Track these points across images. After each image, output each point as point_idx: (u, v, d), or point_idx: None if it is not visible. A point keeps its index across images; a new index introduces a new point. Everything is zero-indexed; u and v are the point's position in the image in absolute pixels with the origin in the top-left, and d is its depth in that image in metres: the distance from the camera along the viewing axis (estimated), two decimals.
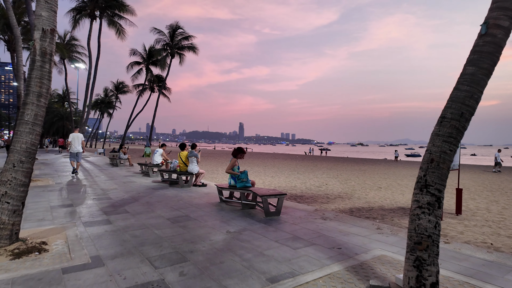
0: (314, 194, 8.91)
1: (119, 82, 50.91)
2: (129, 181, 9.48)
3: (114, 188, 7.97)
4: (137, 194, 7.12)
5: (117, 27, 23.36)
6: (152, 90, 37.61)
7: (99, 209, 5.58)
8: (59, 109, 44.02)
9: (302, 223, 4.70)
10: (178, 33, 28.65)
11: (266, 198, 5.01)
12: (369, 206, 7.10)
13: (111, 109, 55.55)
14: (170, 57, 29.27)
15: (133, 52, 32.13)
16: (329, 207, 6.80)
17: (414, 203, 2.59)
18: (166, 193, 7.38)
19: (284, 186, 10.52)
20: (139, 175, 11.03)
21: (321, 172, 17.01)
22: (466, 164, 32.25)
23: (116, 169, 13.21)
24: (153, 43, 29.30)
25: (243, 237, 3.99)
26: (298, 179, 12.72)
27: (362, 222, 4.80)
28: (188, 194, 7.20)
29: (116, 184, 8.81)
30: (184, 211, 5.42)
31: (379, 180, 13.28)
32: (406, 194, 9.20)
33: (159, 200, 6.47)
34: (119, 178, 10.24)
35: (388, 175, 15.77)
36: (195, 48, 28.99)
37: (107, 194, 7.09)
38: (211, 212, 5.37)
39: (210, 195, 7.10)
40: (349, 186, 10.96)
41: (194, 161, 8.34)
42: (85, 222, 4.68)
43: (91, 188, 7.94)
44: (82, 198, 6.61)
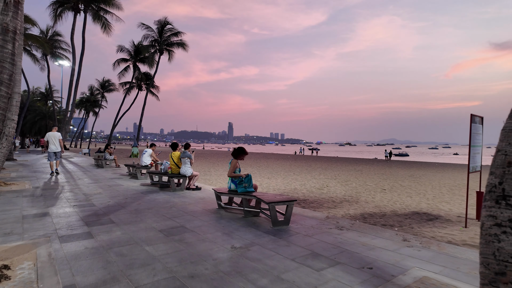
0: (318, 197, 8.35)
1: (105, 80, 49.36)
2: (115, 184, 8.69)
3: (98, 193, 7.19)
4: (124, 200, 6.38)
5: (102, 21, 22.28)
6: (140, 88, 36.45)
7: (79, 218, 4.84)
8: (41, 107, 42.26)
9: (317, 234, 4.09)
10: (167, 29, 27.69)
11: (274, 205, 4.38)
12: (380, 211, 6.57)
13: (97, 108, 53.83)
14: (159, 53, 28.28)
15: (120, 48, 30.95)
16: (338, 213, 6.23)
17: (488, 219, 2.00)
18: (157, 198, 6.66)
19: (284, 188, 9.92)
20: (126, 178, 10.23)
21: (317, 172, 16.51)
22: (464, 164, 32.46)
23: (101, 171, 12.34)
24: (141, 39, 28.25)
25: (252, 254, 3.35)
26: (296, 181, 12.15)
27: (383, 232, 4.23)
28: (182, 200, 6.50)
29: (100, 188, 8.01)
30: (179, 221, 4.73)
31: (379, 181, 12.86)
32: (414, 197, 8.74)
33: (149, 206, 5.76)
34: (104, 181, 9.42)
35: (387, 176, 15.41)
36: (184, 45, 28.09)
37: (90, 200, 6.32)
38: (210, 222, 4.70)
39: (206, 201, 6.42)
40: (351, 188, 10.46)
41: (187, 163, 7.63)
42: (61, 236, 3.94)
43: (72, 193, 7.14)
44: (61, 205, 5.83)
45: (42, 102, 44.99)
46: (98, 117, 56.13)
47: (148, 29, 27.56)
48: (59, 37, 32.06)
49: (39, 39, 18.06)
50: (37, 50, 32.46)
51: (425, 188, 11.06)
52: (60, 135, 10.89)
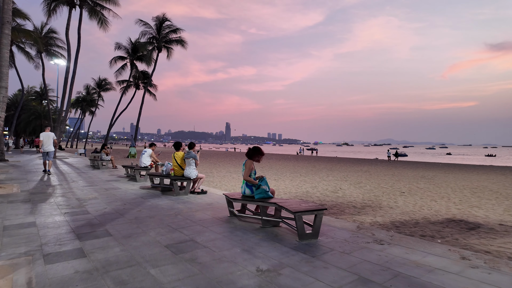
0: (336, 202, 7.69)
1: (101, 79, 48.46)
2: (112, 187, 7.97)
3: (93, 198, 6.48)
4: (122, 206, 5.68)
5: (99, 17, 21.48)
6: (137, 87, 35.66)
7: (70, 229, 4.13)
8: (36, 107, 41.31)
9: (355, 251, 3.42)
10: (165, 26, 26.93)
11: (301, 215, 3.71)
12: (411, 218, 5.92)
13: (94, 107, 52.89)
14: (157, 51, 27.50)
15: (117, 46, 30.16)
16: (365, 220, 5.57)
17: None
18: (159, 203, 5.96)
19: (295, 192, 9.25)
20: (124, 180, 9.51)
21: (324, 173, 15.88)
22: (468, 164, 31.98)
23: (97, 172, 11.60)
24: (139, 36, 27.45)
25: (285, 280, 2.67)
26: (305, 183, 11.49)
27: (432, 247, 3.56)
28: (187, 205, 5.80)
29: (96, 191, 7.30)
30: (187, 232, 4.04)
31: (393, 182, 12.25)
32: (439, 201, 8.11)
33: (151, 214, 5.06)
34: (100, 183, 8.70)
35: (397, 177, 14.81)
36: (183, 42, 27.33)
37: (84, 206, 5.61)
38: (224, 234, 4.02)
39: (215, 207, 5.73)
40: (367, 191, 9.81)
41: (192, 164, 6.94)
42: (47, 254, 3.25)
43: (65, 198, 6.42)
44: (50, 212, 5.12)
45: (37, 102, 44.03)
46: (95, 117, 55.23)
47: (146, 25, 26.79)
48: (54, 34, 31.18)
49: (32, 34, 17.25)
50: (31, 48, 31.58)
51: (445, 190, 10.44)
52: (54, 135, 10.91)
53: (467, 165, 29.89)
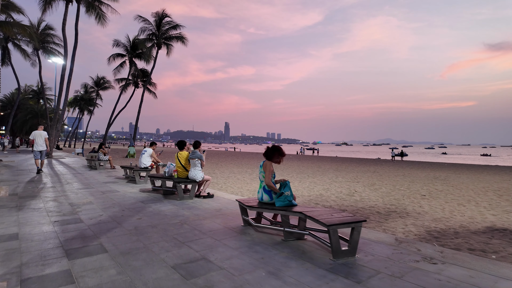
0: (356, 207, 7.06)
1: (100, 77, 47.70)
2: (109, 190, 7.32)
3: (88, 202, 5.83)
4: (121, 213, 5.03)
5: (96, 12, 20.78)
6: (136, 85, 34.95)
7: (59, 243, 3.49)
8: (33, 106, 40.55)
9: (407, 273, 2.78)
10: (165, 22, 26.23)
11: (336, 228, 3.07)
12: (447, 227, 5.29)
13: (92, 106, 52.11)
14: (157, 48, 26.80)
15: (116, 43, 29.43)
16: (396, 229, 4.94)
17: None
18: (162, 209, 5.32)
19: (308, 195, 8.63)
20: (123, 181, 8.86)
21: (332, 174, 15.26)
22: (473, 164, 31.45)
23: (94, 173, 10.94)
24: (138, 32, 26.73)
25: None
26: (316, 184, 10.86)
27: (496, 267, 2.93)
28: (193, 212, 5.16)
29: (92, 195, 6.65)
30: (197, 248, 3.40)
31: (408, 184, 11.66)
32: (468, 206, 7.51)
33: (154, 223, 4.42)
34: (97, 185, 8.05)
35: (410, 178, 14.23)
36: (183, 38, 26.63)
37: (77, 213, 4.96)
38: (241, 249, 3.38)
39: (225, 213, 5.09)
40: (384, 193, 9.19)
41: (197, 165, 6.29)
42: (26, 278, 2.61)
43: (56, 203, 5.77)
44: (38, 220, 4.47)
45: (34, 100, 43.29)
46: (93, 116, 54.44)
47: (145, 22, 26.07)
48: (51, 31, 30.46)
49: (27, 28, 16.55)
50: (28, 45, 30.85)
51: (467, 193, 9.82)
52: (47, 133, 10.77)
53: (473, 165, 29.33)
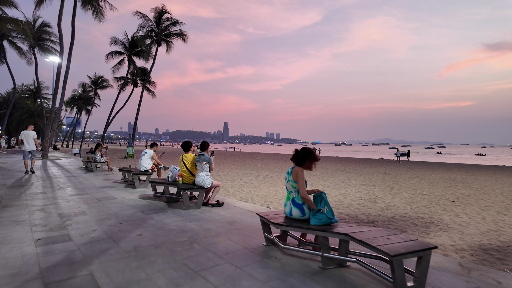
0: (385, 216, 6.33)
1: (97, 76, 46.84)
2: (106, 196, 6.56)
3: (80, 212, 5.07)
4: (118, 226, 4.27)
5: (94, 6, 19.98)
6: (135, 84, 34.13)
7: (38, 273, 2.74)
8: (30, 105, 39.68)
9: None
10: (165, 19, 25.42)
11: (401, 259, 2.33)
12: (504, 244, 4.56)
13: (90, 106, 51.23)
14: (156, 45, 25.98)
15: (114, 41, 28.61)
16: (444, 246, 4.19)
17: None
18: (166, 222, 4.56)
19: None
20: (121, 186, 8.10)
21: (343, 176, 14.53)
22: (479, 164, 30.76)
23: (90, 176, 10.17)
24: (137, 28, 25.89)
25: None
26: (331, 189, 10.10)
27: None
28: (203, 225, 4.40)
29: (85, 202, 5.88)
30: (215, 280, 2.65)
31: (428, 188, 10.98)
32: (510, 214, 6.76)
33: (157, 241, 3.66)
34: (91, 191, 7.28)
35: (426, 180, 13.54)
36: (184, 35, 25.81)
37: (66, 227, 4.20)
38: (271, 283, 2.62)
39: (240, 227, 4.33)
40: (409, 199, 8.47)
41: (205, 169, 5.54)
42: None
43: (44, 213, 5.00)
44: (18, 238, 3.71)
45: (31, 100, 42.41)
46: (92, 116, 53.58)
47: (144, 18, 25.27)
48: (48, 28, 29.60)
49: (20, 23, 15.78)
50: (23, 43, 30.02)
51: (498, 198, 9.06)
52: (35, 134, 10.63)
53: (482, 165, 28.64)
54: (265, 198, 8.16)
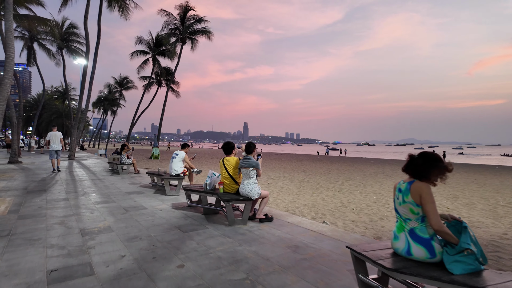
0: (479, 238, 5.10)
1: (123, 77, 47.38)
2: (134, 205, 5.72)
3: (105, 228, 4.21)
4: (151, 251, 3.35)
5: (119, 4, 19.67)
6: (160, 84, 33.95)
7: None
8: (58, 106, 40.61)
9: None
10: (189, 16, 24.84)
11: None
12: None
13: (115, 106, 52.02)
14: (181, 43, 25.45)
15: (139, 40, 28.44)
16: None
17: None
18: (210, 244, 3.60)
19: (394, 215, 6.69)
20: (149, 191, 7.29)
21: (389, 181, 13.17)
22: None
23: (116, 179, 9.49)
24: (162, 26, 25.47)
25: None
26: (386, 198, 8.84)
27: None
28: (259, 252, 3.40)
29: (111, 213, 5.05)
30: None
31: (500, 196, 9.47)
32: None
33: (205, 279, 2.68)
34: (118, 197, 6.50)
35: (487, 186, 11.99)
36: (209, 32, 25.12)
37: (88, 252, 3.33)
38: None
39: (307, 255, 3.30)
40: (490, 212, 7.17)
41: (252, 176, 4.55)
42: None
43: (63, 228, 4.19)
44: (27, 268, 2.86)
45: (59, 101, 43.44)
46: (116, 117, 54.40)
47: (169, 16, 24.82)
48: (75, 30, 29.94)
49: (48, 23, 15.57)
50: (52, 44, 30.52)
51: None
52: (61, 134, 11.29)
53: None
54: (314, 209, 7.05)
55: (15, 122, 15.70)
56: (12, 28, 10.72)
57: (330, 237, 3.93)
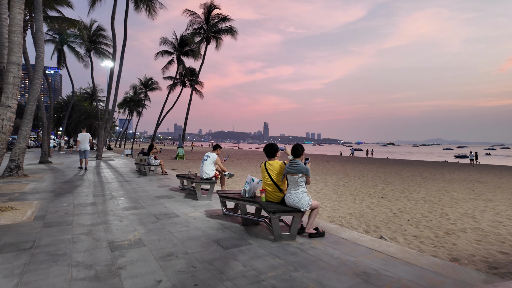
0: None
1: (147, 78, 48.16)
2: (165, 212, 5.25)
3: (135, 241, 3.73)
4: (191, 276, 2.80)
5: (146, 4, 19.65)
6: (184, 84, 34.01)
7: None
8: (87, 107, 41.79)
9: None
10: (214, 15, 24.57)
11: None
12: None
13: (140, 107, 53.00)
14: (206, 42, 25.20)
15: (163, 41, 28.55)
16: None
17: None
18: (258, 268, 2.99)
19: (454, 230, 5.83)
20: (179, 195, 6.83)
21: (436, 187, 12.10)
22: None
23: (143, 181, 9.16)
24: (187, 25, 25.31)
25: None
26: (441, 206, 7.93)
27: None
28: (321, 281, 2.75)
29: (141, 222, 4.59)
30: None
31: None
32: None
33: None
34: (147, 202, 6.07)
35: None
36: (234, 31, 24.71)
37: (117, 273, 2.82)
38: None
39: (380, 283, 2.62)
40: None
41: (301, 184, 3.92)
42: None
43: (90, 240, 3.74)
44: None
45: (88, 102, 44.72)
46: (141, 117, 55.42)
47: (193, 15, 24.65)
48: (102, 32, 30.55)
49: (76, 23, 15.69)
50: (80, 47, 31.30)
51: None
52: (90, 135, 11.92)
53: None
54: (364, 220, 6.27)
55: (45, 122, 15.91)
56: (42, 28, 10.69)
57: (402, 260, 3.23)
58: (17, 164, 9.63)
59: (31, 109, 10.16)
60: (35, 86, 10.24)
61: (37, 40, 10.52)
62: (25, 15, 14.75)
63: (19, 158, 9.72)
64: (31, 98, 10.14)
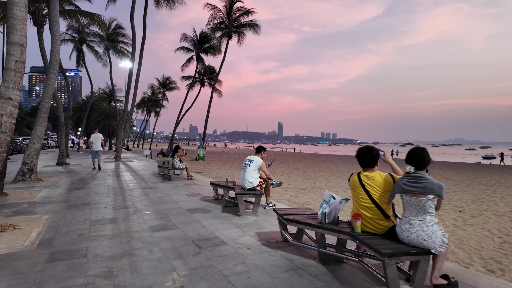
0: None
1: (165, 77, 47.62)
2: (205, 236, 3.98)
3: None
4: None
5: None
6: (202, 83, 33.05)
7: None
8: (105, 107, 41.58)
9: None
10: (236, 8, 23.35)
11: None
12: None
13: (158, 107, 52.61)
14: (227, 38, 24.02)
15: (184, 37, 27.65)
16: None
17: None
18: None
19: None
20: (215, 207, 5.59)
21: (501, 194, 10.46)
22: None
23: (169, 188, 7.99)
24: (208, 20, 24.18)
25: None
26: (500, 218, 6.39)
27: None
28: None
29: (177, 253, 3.34)
30: None
31: None
32: None
33: None
34: (179, 219, 4.84)
35: None
36: (256, 26, 23.43)
37: None
38: None
39: None
40: None
41: (430, 210, 2.55)
42: None
43: (108, 286, 2.52)
44: None
45: (106, 102, 44.59)
46: (159, 117, 55.07)
47: (214, 9, 23.52)
48: (121, 30, 30.00)
49: (95, 17, 14.86)
50: (99, 46, 30.88)
51: None
52: (102, 136, 12.26)
53: None
54: (469, 249, 4.64)
55: (62, 122, 15.11)
56: (58, 18, 9.72)
57: None
58: (30, 167, 8.67)
59: (46, 106, 9.21)
60: (50, 81, 9.28)
61: (52, 31, 9.58)
62: (42, 9, 14.00)
63: (33, 161, 8.76)
64: (45, 94, 9.19)
